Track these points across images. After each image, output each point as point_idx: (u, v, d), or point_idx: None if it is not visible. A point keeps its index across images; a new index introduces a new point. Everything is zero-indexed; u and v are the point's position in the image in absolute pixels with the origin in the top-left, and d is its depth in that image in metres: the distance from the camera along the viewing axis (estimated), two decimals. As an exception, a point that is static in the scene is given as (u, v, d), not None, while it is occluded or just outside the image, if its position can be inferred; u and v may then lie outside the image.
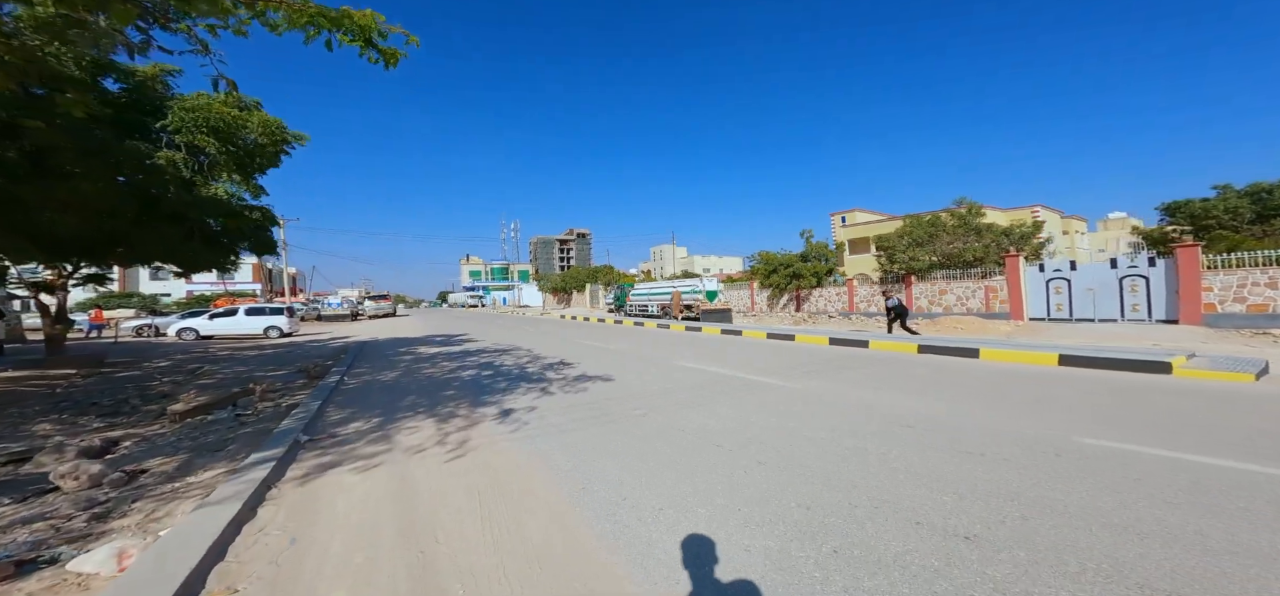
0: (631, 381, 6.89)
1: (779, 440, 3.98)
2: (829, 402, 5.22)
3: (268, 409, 6.38)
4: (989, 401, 5.03)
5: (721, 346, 11.32)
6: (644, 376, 7.27)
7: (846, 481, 3.10)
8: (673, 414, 4.98)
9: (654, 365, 8.40)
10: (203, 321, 19.81)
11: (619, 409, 5.26)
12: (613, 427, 4.56)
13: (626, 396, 5.88)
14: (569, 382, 6.98)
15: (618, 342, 12.77)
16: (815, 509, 2.73)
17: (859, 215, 38.92)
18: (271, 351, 13.81)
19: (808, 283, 25.94)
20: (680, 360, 8.95)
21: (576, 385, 6.77)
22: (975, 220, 19.41)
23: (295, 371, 9.57)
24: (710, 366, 8.06)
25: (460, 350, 11.94)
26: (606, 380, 7.10)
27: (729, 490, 3.04)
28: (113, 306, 35.44)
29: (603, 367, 8.25)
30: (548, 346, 12.20)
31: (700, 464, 3.52)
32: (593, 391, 6.28)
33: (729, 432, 4.28)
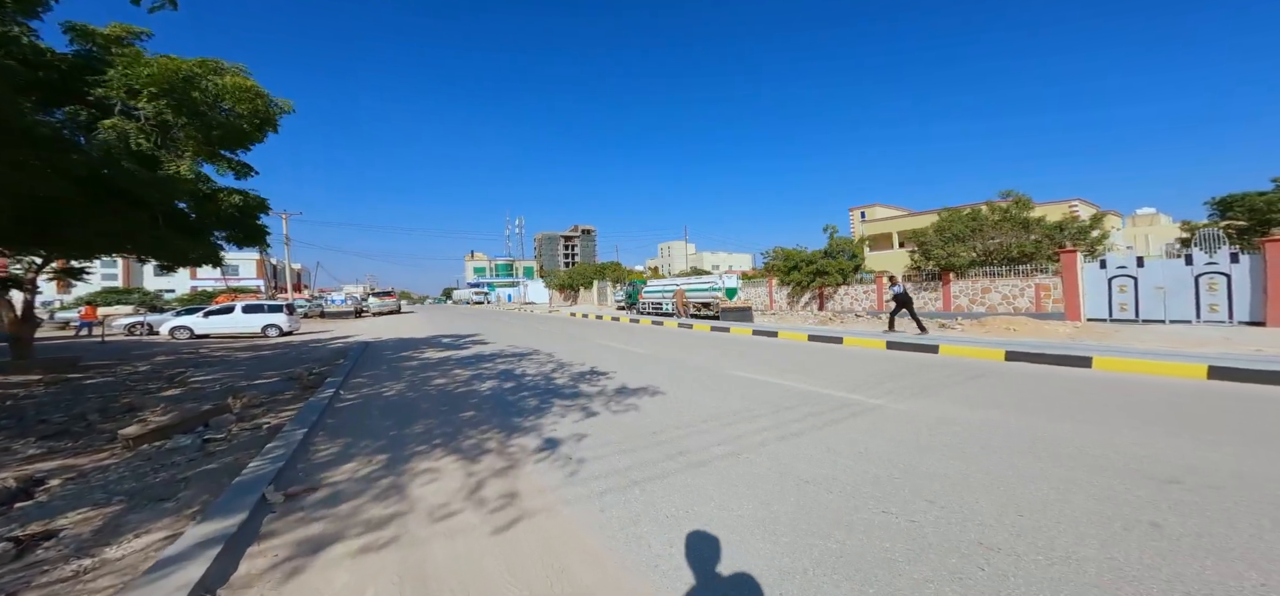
0: (688, 397, 5.65)
1: (973, 501, 2.72)
2: (976, 432, 3.96)
3: (244, 433, 5.18)
4: (1222, 434, 3.75)
5: (763, 350, 10.05)
6: (700, 390, 6.03)
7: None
8: (773, 449, 3.73)
9: (704, 374, 7.15)
10: (197, 319, 18.71)
11: (694, 441, 4.02)
12: (702, 474, 3.32)
13: (693, 420, 4.64)
14: (611, 398, 5.75)
15: (644, 344, 11.53)
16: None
17: (879, 211, 37.50)
18: (267, 353, 12.66)
19: (833, 280, 24.60)
20: (731, 368, 7.70)
21: (622, 402, 5.53)
22: (1023, 213, 18.02)
23: (286, 378, 8.39)
24: (770, 377, 6.80)
25: (473, 354, 10.73)
26: (655, 394, 5.86)
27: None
28: (111, 303, 34.54)
29: (643, 377, 7.01)
30: (569, 349, 10.97)
31: (888, 551, 2.27)
32: (646, 412, 5.05)
33: (881, 483, 3.03)
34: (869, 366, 7.64)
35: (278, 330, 19.46)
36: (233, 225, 8.31)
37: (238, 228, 8.46)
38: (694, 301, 24.16)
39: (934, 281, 20.44)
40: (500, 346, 12.06)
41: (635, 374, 7.40)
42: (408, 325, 23.53)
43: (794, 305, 28.82)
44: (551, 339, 13.75)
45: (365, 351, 11.94)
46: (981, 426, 4.17)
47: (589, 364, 8.64)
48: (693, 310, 24.02)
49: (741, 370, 7.50)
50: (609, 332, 15.83)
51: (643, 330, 16.81)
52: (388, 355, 11.09)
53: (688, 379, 6.83)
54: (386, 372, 8.37)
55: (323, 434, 4.68)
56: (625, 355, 9.70)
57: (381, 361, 10.00)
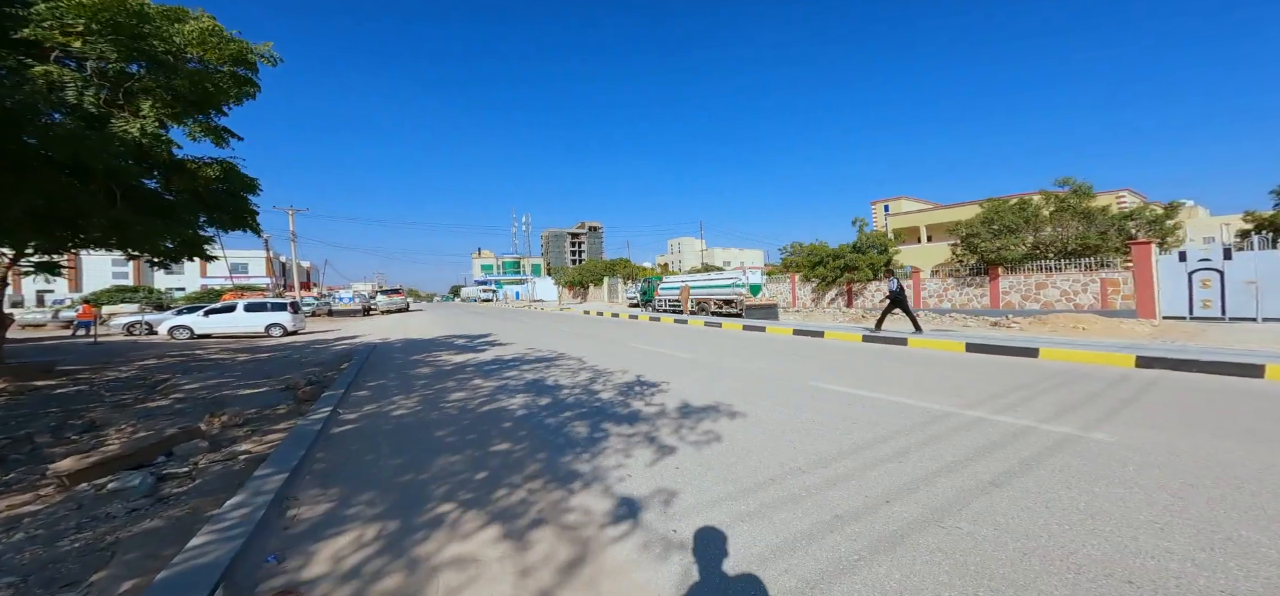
0: (779, 420, 4.39)
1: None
2: (1231, 481, 2.65)
3: (214, 467, 4.02)
4: None
5: (822, 353, 8.74)
6: (787, 408, 4.76)
7: None
8: (984, 509, 2.45)
9: (777, 386, 5.88)
10: (197, 318, 17.78)
11: (842, 495, 2.77)
12: (910, 561, 2.05)
13: (814, 458, 3.38)
14: (679, 423, 4.50)
15: (680, 346, 10.27)
16: None
17: (905, 204, 35.84)
18: (267, 355, 11.59)
19: (863, 276, 23.15)
20: (805, 376, 6.42)
21: (696, 428, 4.28)
22: (1084, 203, 16.47)
23: (282, 388, 7.25)
24: (861, 388, 5.52)
25: (492, 359, 9.54)
26: (733, 415, 4.61)
27: None
28: (116, 301, 33.96)
29: (705, 390, 5.76)
30: (599, 353, 9.75)
31: None
32: (737, 444, 3.80)
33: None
34: (972, 374, 6.31)
35: (281, 329, 18.49)
36: (216, 206, 7.04)
37: (221, 208, 7.19)
38: (715, 298, 22.89)
39: (980, 277, 18.94)
40: (520, 349, 10.87)
41: (692, 385, 6.16)
42: (417, 324, 22.49)
43: (818, 302, 27.39)
44: (574, 340, 12.54)
45: (372, 354, 10.82)
46: (1210, 460, 2.87)
47: (630, 371, 7.41)
48: (714, 308, 22.74)
49: (820, 379, 6.22)
50: (634, 332, 14.59)
51: (669, 330, 15.55)
52: (397, 359, 9.94)
53: (762, 392, 5.57)
54: (395, 382, 7.20)
55: (310, 478, 3.49)
56: (667, 360, 8.45)
57: (390, 367, 8.85)
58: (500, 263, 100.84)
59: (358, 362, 8.93)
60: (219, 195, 6.93)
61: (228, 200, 7.13)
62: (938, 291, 20.73)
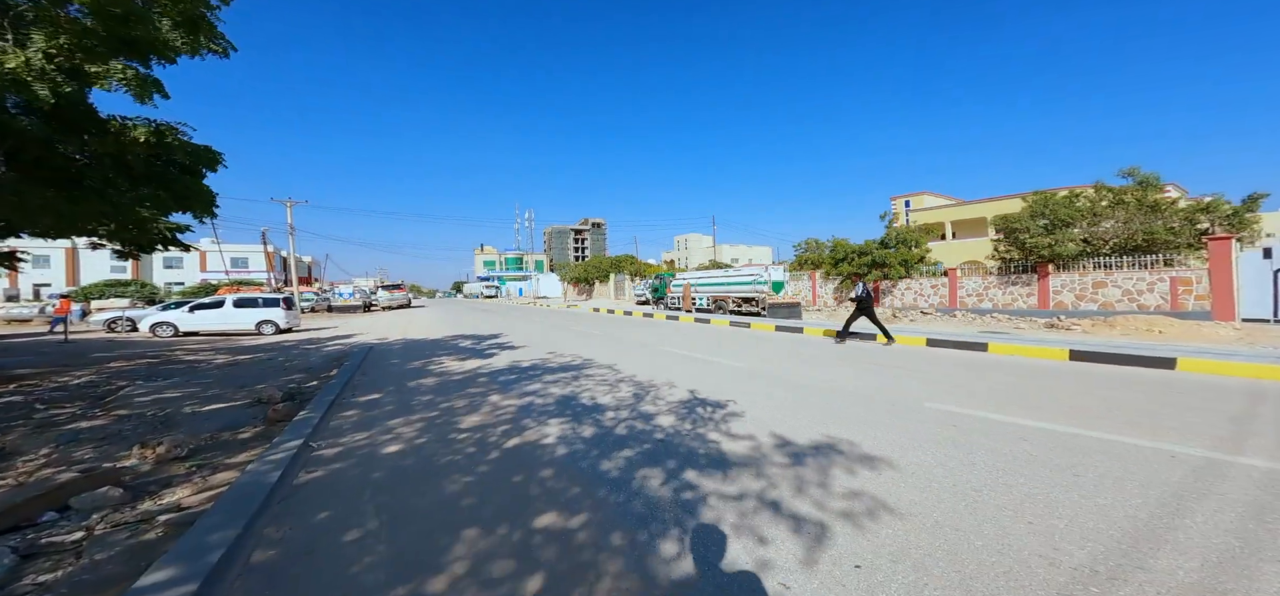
0: (949, 473, 3.03)
1: None
2: None
3: (119, 534, 2.70)
4: None
5: (897, 362, 7.36)
6: (940, 451, 3.39)
7: None
8: None
9: (892, 411, 4.51)
10: (182, 315, 16.47)
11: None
12: None
13: (1087, 555, 2.02)
14: (796, 472, 3.15)
15: (720, 351, 8.89)
16: None
17: (927, 199, 34.36)
18: (249, 357, 10.27)
19: (895, 273, 21.73)
20: (918, 396, 5.03)
21: (833, 487, 2.92)
22: (1151, 196, 15.02)
23: (252, 402, 5.91)
24: (1027, 419, 4.15)
25: (507, 366, 8.19)
26: (871, 463, 3.25)
27: None
28: (107, 295, 32.72)
29: (796, 418, 4.40)
30: (630, 359, 8.39)
31: None
32: (922, 519, 2.44)
33: None
34: (1130, 393, 4.91)
35: (273, 327, 17.18)
36: (151, 179, 5.53)
37: (157, 183, 5.69)
38: (733, 296, 21.54)
39: (1026, 275, 17.52)
40: (537, 353, 9.51)
41: (771, 407, 4.79)
42: (419, 322, 21.15)
43: (841, 301, 25.99)
44: (595, 342, 11.18)
45: (368, 358, 9.48)
46: None
47: (677, 383, 6.04)
48: (733, 306, 21.41)
49: (937, 399, 4.84)
50: (657, 333, 13.21)
51: (696, 331, 14.16)
52: (395, 365, 8.59)
53: (878, 420, 4.19)
54: (392, 397, 5.84)
55: (246, 581, 2.13)
56: (716, 369, 7.08)
57: (387, 375, 7.51)
58: (503, 259, 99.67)
59: (349, 370, 7.58)
60: (156, 167, 5.47)
61: (167, 174, 5.65)
62: (976, 290, 19.31)
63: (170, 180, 5.69)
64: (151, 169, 5.47)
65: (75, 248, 60.95)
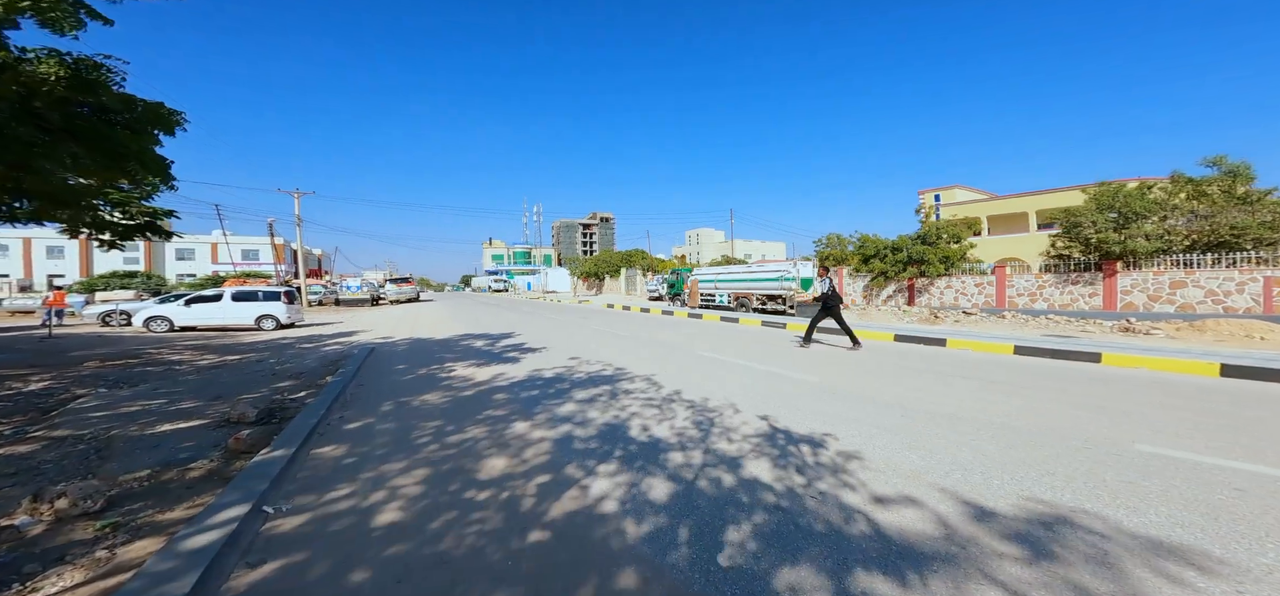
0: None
1: None
2: None
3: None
4: None
5: (1000, 374, 6.01)
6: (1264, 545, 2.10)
7: None
8: None
9: (1102, 460, 3.21)
10: (177, 309, 15.53)
11: None
12: None
13: None
14: (1064, 573, 1.86)
15: (774, 360, 7.59)
16: None
17: (959, 193, 32.57)
18: (236, 359, 9.19)
19: (934, 270, 20.20)
20: (1117, 434, 3.71)
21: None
22: (1241, 187, 13.39)
23: (218, 423, 4.76)
24: (1249, 461, 2.83)
25: (528, 376, 6.99)
26: (1209, 571, 1.96)
27: None
28: (113, 287, 32.19)
29: (948, 468, 3.13)
30: (669, 368, 7.14)
31: None
32: None
33: None
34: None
35: (274, 322, 16.20)
36: (79, 135, 4.27)
37: (91, 140, 4.45)
38: (758, 293, 20.18)
39: (1089, 273, 15.96)
40: (559, 358, 8.30)
41: (909, 449, 3.51)
42: (428, 317, 20.09)
43: (870, 299, 24.52)
44: (621, 344, 9.94)
45: (367, 362, 8.34)
46: None
47: (741, 406, 4.78)
48: (757, 304, 20.06)
49: (1152, 441, 3.52)
50: (686, 334, 11.94)
51: (726, 332, 12.85)
52: (398, 372, 7.43)
53: (1084, 473, 2.90)
54: (389, 424, 4.65)
55: None
56: (782, 383, 5.80)
57: (386, 386, 6.34)
58: (511, 253, 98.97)
59: (343, 380, 6.40)
60: (80, 119, 4.23)
61: (96, 128, 4.37)
62: (1029, 289, 17.76)
63: (100, 137, 4.45)
64: (73, 120, 4.24)
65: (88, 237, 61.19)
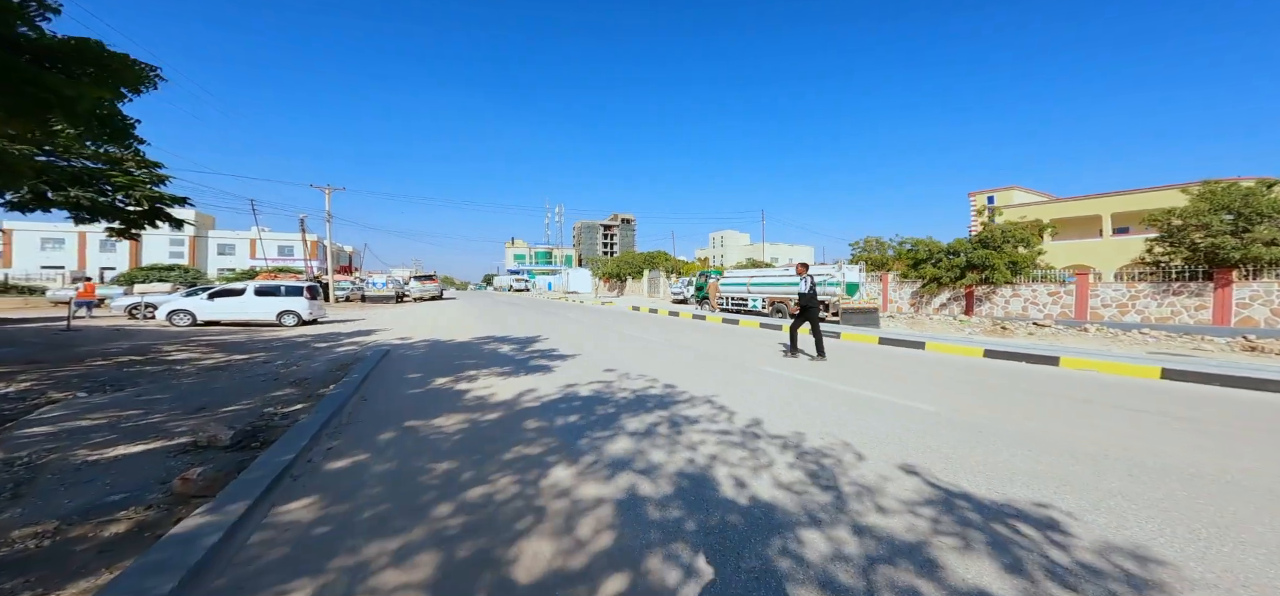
0: None
1: None
2: None
3: None
4: None
5: (1149, 402, 4.47)
6: None
7: None
8: None
9: None
10: (201, 302, 15.16)
11: None
12: None
13: None
14: None
15: (834, 374, 6.19)
16: None
17: (1016, 195, 30.03)
18: (243, 359, 8.41)
19: (1001, 276, 18.19)
20: None
21: None
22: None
23: (181, 449, 3.75)
24: None
25: (563, 393, 5.84)
26: None
27: None
28: (151, 280, 33.06)
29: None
30: (729, 388, 5.86)
31: None
32: None
33: None
34: None
35: (295, 317, 15.68)
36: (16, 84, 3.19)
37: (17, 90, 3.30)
38: (794, 299, 18.58)
39: (1195, 282, 13.83)
40: (593, 367, 7.13)
41: (1194, 536, 2.17)
42: (449, 316, 19.35)
43: (919, 307, 22.55)
44: (661, 354, 8.71)
45: (380, 367, 7.37)
46: None
47: (873, 451, 3.47)
48: (793, 310, 18.49)
49: None
50: (733, 343, 10.61)
51: (774, 341, 11.43)
52: (410, 384, 6.39)
53: None
54: (389, 458, 3.55)
55: None
56: (894, 414, 4.45)
57: (394, 407, 5.29)
58: (533, 253, 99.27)
59: (343, 394, 5.38)
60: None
61: (12, 67, 3.28)
62: (1118, 299, 15.64)
63: (16, 76, 3.39)
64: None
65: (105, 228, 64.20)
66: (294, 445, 3.45)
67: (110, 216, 6.13)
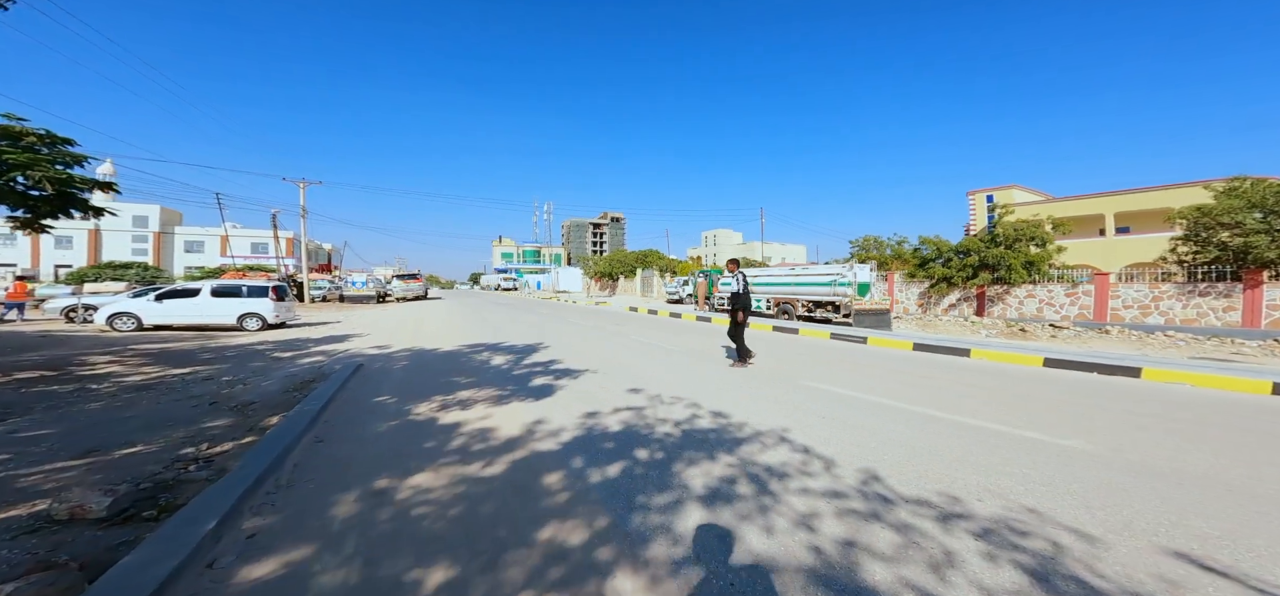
0: None
1: None
2: None
3: None
4: None
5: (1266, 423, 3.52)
6: None
7: None
8: None
9: None
10: (147, 304, 13.38)
11: None
12: None
13: None
14: None
15: (920, 397, 5.10)
16: None
17: (1016, 194, 29.74)
18: (182, 374, 6.93)
19: (1017, 277, 17.52)
20: None
21: None
22: None
23: (23, 530, 2.39)
24: None
25: (582, 425, 4.60)
26: None
27: None
28: (103, 278, 30.49)
29: None
30: (793, 411, 4.71)
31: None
32: None
33: None
34: None
35: (259, 321, 14.01)
36: None
37: None
38: (805, 299, 17.69)
39: (1221, 283, 13.26)
40: (616, 390, 5.90)
41: None
42: (436, 319, 17.83)
43: (927, 307, 21.87)
44: (693, 369, 7.53)
45: (348, 385, 6.01)
46: None
47: (1050, 509, 2.35)
48: (803, 310, 17.57)
49: None
50: (758, 350, 9.47)
51: (799, 347, 10.35)
52: (386, 409, 5.07)
53: None
54: (348, 546, 2.30)
55: None
56: (1062, 456, 3.36)
57: (358, 452, 3.98)
58: (521, 251, 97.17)
59: (295, 428, 4.04)
60: None
61: None
62: (1140, 300, 15.05)
63: None
64: None
65: (97, 226, 59.81)
66: (189, 535, 2.14)
67: (12, 203, 4.83)
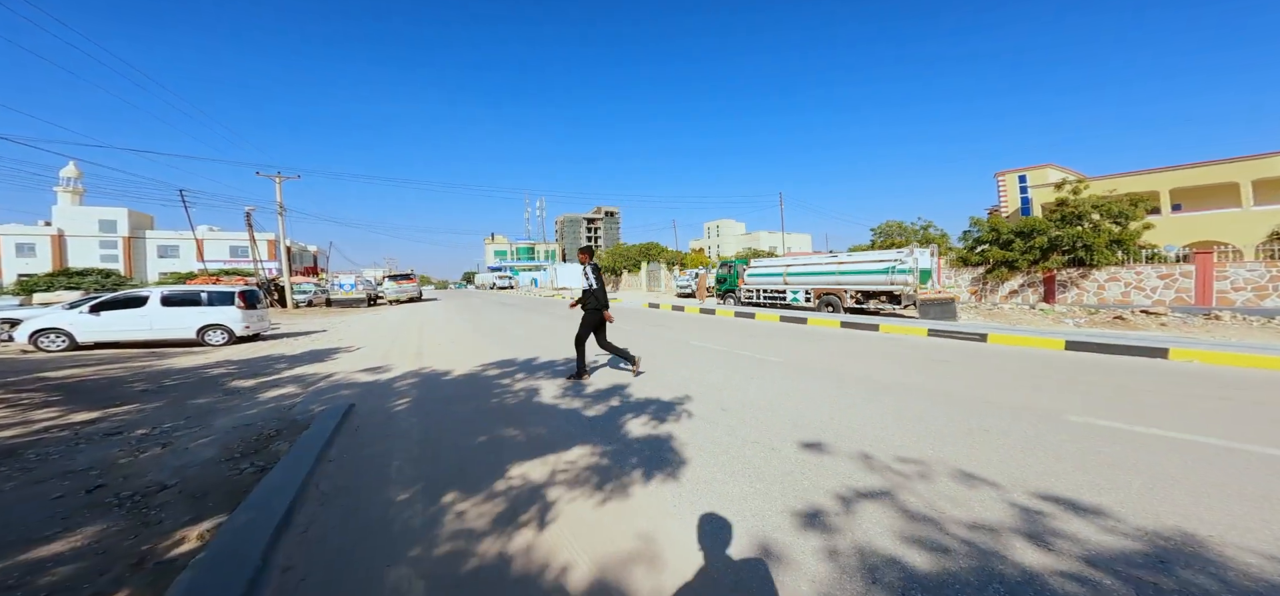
0: None
1: None
2: None
3: None
4: None
5: None
6: None
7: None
8: None
9: None
10: (80, 317, 10.81)
11: None
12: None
13: None
14: None
15: (1179, 421, 2.94)
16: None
17: (1051, 173, 27.86)
18: (77, 425, 4.49)
19: (1105, 258, 15.50)
20: None
21: None
22: None
23: None
24: None
25: (821, 544, 2.27)
26: None
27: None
28: (56, 287, 27.45)
29: None
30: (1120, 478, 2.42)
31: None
32: None
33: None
34: None
35: (225, 334, 11.50)
36: None
37: None
38: (852, 289, 15.57)
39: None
40: (790, 460, 3.63)
41: None
42: (435, 324, 15.36)
43: (984, 295, 19.92)
44: (821, 389, 5.27)
45: (333, 454, 3.67)
46: None
47: None
48: (852, 302, 15.46)
49: None
50: (857, 355, 7.21)
51: (906, 349, 8.09)
52: (402, 520, 2.76)
53: None
54: None
55: None
56: None
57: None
58: (514, 249, 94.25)
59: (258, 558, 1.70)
60: None
61: None
62: (1254, 281, 13.13)
63: None
64: None
65: (61, 232, 55.61)
66: None
67: None
